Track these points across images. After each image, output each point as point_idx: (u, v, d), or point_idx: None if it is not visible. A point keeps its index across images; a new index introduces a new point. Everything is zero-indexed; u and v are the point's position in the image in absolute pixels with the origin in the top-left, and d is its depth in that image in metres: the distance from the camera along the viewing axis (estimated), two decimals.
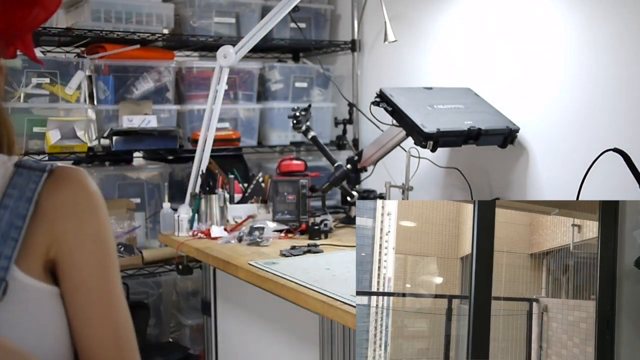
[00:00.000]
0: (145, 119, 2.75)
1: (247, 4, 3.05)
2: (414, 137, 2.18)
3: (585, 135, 2.10)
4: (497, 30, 2.42)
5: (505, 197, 2.40)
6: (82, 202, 0.94)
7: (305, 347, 1.96)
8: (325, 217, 2.42)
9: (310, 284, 1.71)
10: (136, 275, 2.76)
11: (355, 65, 3.23)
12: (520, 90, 2.33)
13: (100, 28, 2.71)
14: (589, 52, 2.08)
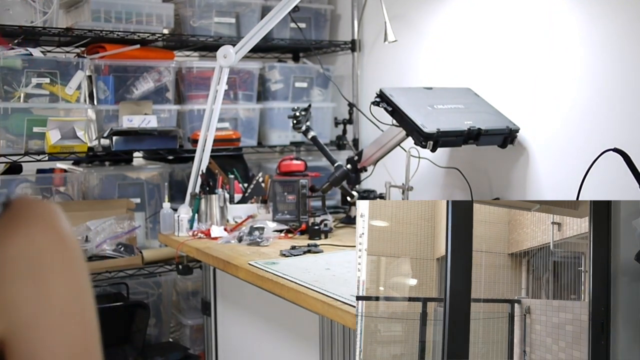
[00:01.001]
0: (145, 119, 2.75)
1: (247, 4, 3.05)
2: (414, 137, 2.18)
3: (585, 135, 2.10)
4: (497, 30, 2.42)
5: (505, 197, 2.40)
6: (49, 254, 0.66)
7: (305, 347, 1.96)
8: (325, 217, 2.42)
9: (310, 284, 1.71)
10: (136, 275, 2.77)
11: (355, 65, 3.23)
12: (520, 90, 2.33)
13: (100, 28, 2.71)
14: (589, 52, 2.08)
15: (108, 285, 2.83)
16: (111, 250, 2.70)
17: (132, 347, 2.76)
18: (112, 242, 2.71)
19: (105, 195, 2.84)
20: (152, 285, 2.98)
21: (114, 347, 2.73)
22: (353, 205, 2.64)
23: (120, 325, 2.74)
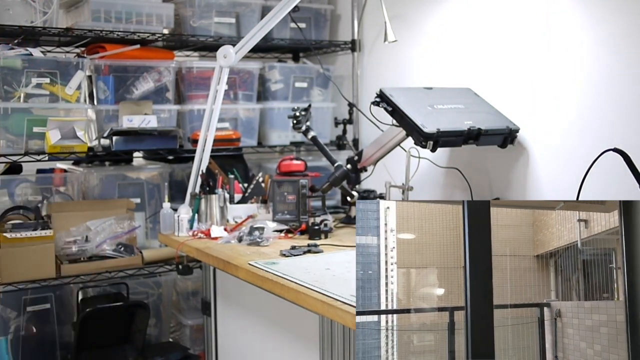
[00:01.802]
0: (145, 119, 2.75)
1: (247, 4, 3.05)
2: (414, 137, 2.18)
3: (585, 135, 2.10)
4: (497, 30, 2.42)
5: (505, 197, 2.40)
6: None
7: (305, 347, 1.96)
8: (325, 217, 2.42)
9: (310, 284, 1.71)
10: (136, 275, 2.76)
11: (355, 65, 3.23)
12: (520, 90, 2.33)
13: (100, 28, 2.71)
14: (589, 53, 2.08)
15: (108, 285, 2.83)
16: (111, 250, 2.70)
17: (132, 347, 2.76)
18: (112, 242, 2.71)
19: (105, 195, 2.84)
20: (152, 285, 2.98)
21: (114, 347, 2.73)
22: (353, 205, 2.64)
23: (120, 325, 2.74)
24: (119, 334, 2.75)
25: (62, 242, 2.65)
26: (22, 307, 2.65)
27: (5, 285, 2.51)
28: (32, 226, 2.53)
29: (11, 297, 2.61)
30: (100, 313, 2.65)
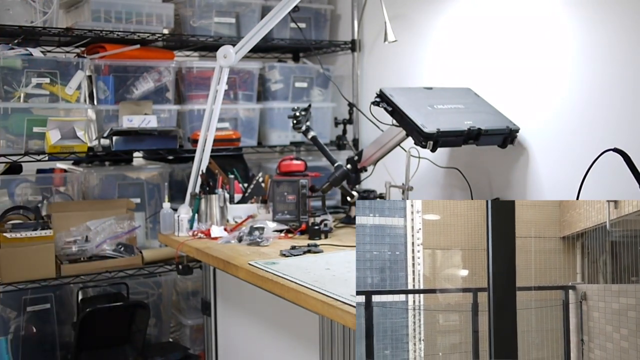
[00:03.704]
0: (145, 119, 2.75)
1: (247, 4, 3.05)
2: (414, 137, 2.18)
3: (585, 135, 2.10)
4: (497, 30, 2.42)
5: (505, 197, 2.40)
6: None
7: (305, 347, 1.96)
8: (325, 217, 2.42)
9: (310, 284, 1.71)
10: (136, 275, 2.76)
11: (355, 65, 3.23)
12: (520, 90, 2.33)
13: (100, 28, 2.71)
14: (589, 53, 2.08)
15: (108, 285, 2.83)
16: (111, 250, 2.70)
17: (132, 347, 2.76)
18: (112, 242, 2.71)
19: (105, 195, 2.84)
20: (152, 285, 2.98)
21: (114, 347, 2.73)
22: (353, 205, 2.64)
23: (120, 325, 2.74)
24: (119, 334, 2.75)
25: (62, 242, 2.65)
26: (22, 307, 2.65)
27: (5, 285, 2.51)
28: (32, 226, 2.53)
29: (11, 297, 2.61)
30: (100, 313, 2.65)
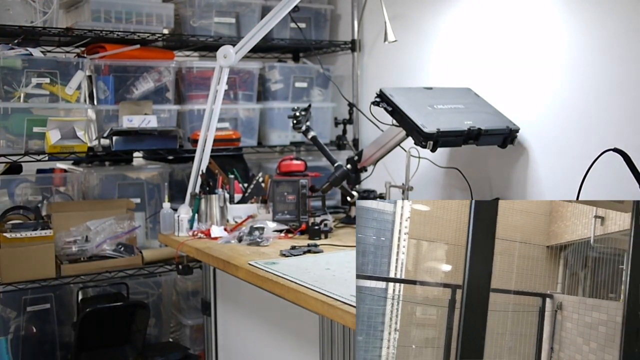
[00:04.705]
0: (145, 119, 2.75)
1: (247, 4, 3.05)
2: (414, 137, 2.18)
3: (585, 135, 2.10)
4: (497, 31, 2.42)
5: (505, 197, 2.40)
6: None
7: (305, 347, 1.96)
8: (325, 217, 2.42)
9: (310, 284, 1.71)
10: (136, 275, 2.76)
11: (355, 65, 3.23)
12: (520, 90, 2.33)
13: (100, 28, 2.71)
14: (589, 53, 2.08)
15: (108, 285, 2.83)
16: (111, 250, 2.70)
17: (132, 347, 2.76)
18: (112, 242, 2.71)
19: (105, 195, 2.84)
20: (152, 285, 2.98)
21: (114, 347, 2.73)
22: (353, 205, 2.64)
23: (120, 325, 2.74)
24: (119, 334, 2.75)
25: (62, 242, 2.65)
26: (22, 307, 2.65)
27: (5, 285, 2.51)
28: (32, 226, 2.53)
29: (11, 297, 2.61)
30: (100, 313, 2.65)
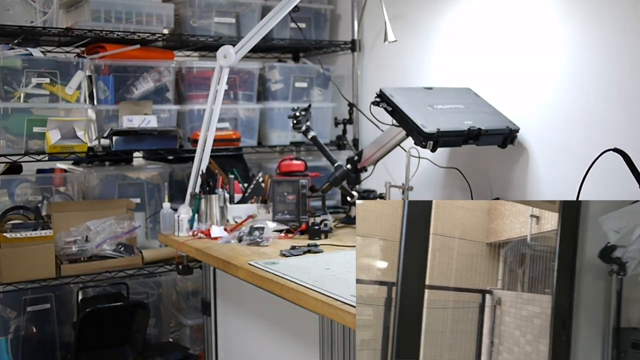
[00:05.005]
0: (145, 119, 2.75)
1: (247, 4, 3.05)
2: (414, 137, 2.18)
3: (585, 135, 2.10)
4: (497, 31, 2.42)
5: (505, 197, 2.40)
6: None
7: (305, 347, 1.96)
8: (325, 217, 2.42)
9: (310, 284, 1.71)
10: (136, 275, 2.76)
11: (355, 65, 3.23)
12: (520, 90, 2.33)
13: (100, 28, 2.71)
14: (589, 53, 2.08)
15: (108, 285, 2.83)
16: (111, 250, 2.70)
17: (132, 347, 2.76)
18: (112, 242, 2.71)
19: (105, 195, 2.84)
20: (152, 285, 2.98)
21: (114, 347, 2.73)
22: (353, 205, 2.64)
23: (120, 325, 2.74)
24: (119, 334, 2.75)
25: (62, 242, 2.65)
26: (22, 307, 2.65)
27: (5, 285, 2.51)
28: (32, 226, 2.53)
29: (11, 297, 2.61)
30: (100, 313, 2.65)
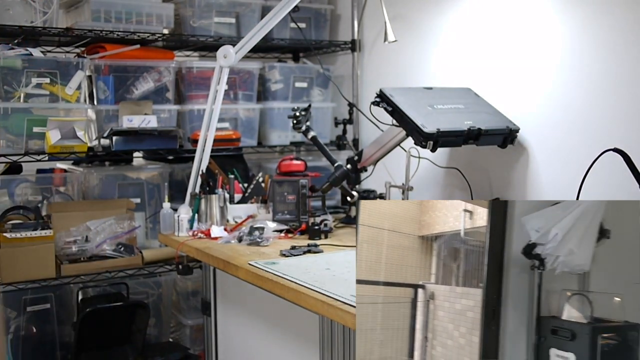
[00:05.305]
0: (145, 119, 2.75)
1: (247, 4, 3.05)
2: (414, 137, 2.18)
3: (585, 135, 2.10)
4: (497, 31, 2.42)
5: (505, 197, 2.40)
6: None
7: (305, 347, 1.96)
8: (325, 217, 2.42)
9: (310, 284, 1.71)
10: (136, 275, 2.76)
11: (355, 65, 3.23)
12: (520, 90, 2.33)
13: (100, 28, 2.71)
14: (589, 52, 2.08)
15: (108, 285, 2.83)
16: (111, 250, 2.70)
17: (132, 347, 2.76)
18: (112, 242, 2.71)
19: (105, 195, 2.84)
20: (152, 285, 2.98)
21: (114, 347, 2.73)
22: (353, 205, 2.64)
23: (120, 325, 2.74)
24: (119, 334, 2.75)
25: (62, 242, 2.65)
26: (22, 307, 2.65)
27: (5, 285, 2.51)
28: (32, 226, 2.53)
29: (11, 297, 2.61)
30: (100, 313, 2.65)
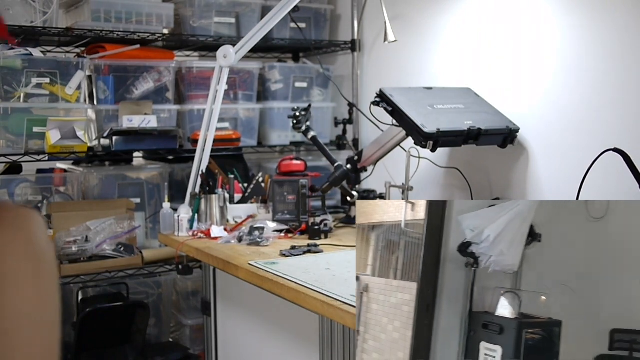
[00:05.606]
0: (145, 119, 2.75)
1: (247, 4, 3.05)
2: (414, 137, 2.18)
3: (585, 135, 2.10)
4: (497, 31, 2.42)
5: (505, 197, 2.40)
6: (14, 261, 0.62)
7: (305, 347, 1.96)
8: (325, 217, 2.42)
9: (310, 284, 1.71)
10: (136, 275, 2.76)
11: (355, 65, 3.23)
12: (520, 91, 2.33)
13: (100, 28, 2.71)
14: (589, 53, 2.08)
15: (108, 285, 2.83)
16: (111, 250, 2.70)
17: (132, 347, 2.76)
18: (112, 242, 2.71)
19: (105, 195, 2.84)
20: (152, 285, 2.98)
21: (114, 347, 2.73)
22: (353, 205, 2.64)
23: (120, 325, 2.74)
24: (119, 334, 2.75)
25: (62, 242, 2.65)
26: None
27: None
28: None
29: None
30: (100, 313, 2.65)
